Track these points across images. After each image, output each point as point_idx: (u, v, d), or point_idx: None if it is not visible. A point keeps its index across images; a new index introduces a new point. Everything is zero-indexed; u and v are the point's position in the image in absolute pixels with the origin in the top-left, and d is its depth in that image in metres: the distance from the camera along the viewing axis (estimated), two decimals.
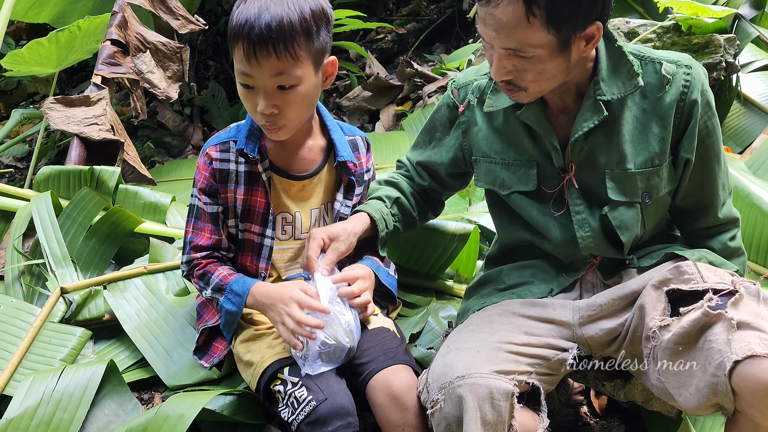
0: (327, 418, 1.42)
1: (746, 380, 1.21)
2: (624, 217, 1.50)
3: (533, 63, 1.35)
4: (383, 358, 1.53)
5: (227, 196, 1.63)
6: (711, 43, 2.63)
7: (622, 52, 1.44)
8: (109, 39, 2.94)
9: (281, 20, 1.43)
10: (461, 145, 1.64)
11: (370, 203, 1.67)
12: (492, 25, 1.32)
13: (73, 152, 2.65)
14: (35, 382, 1.63)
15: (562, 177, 1.51)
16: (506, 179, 1.57)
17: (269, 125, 1.52)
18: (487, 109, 1.55)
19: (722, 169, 1.54)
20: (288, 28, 1.43)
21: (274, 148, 1.64)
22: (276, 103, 1.49)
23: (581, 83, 1.46)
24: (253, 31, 1.42)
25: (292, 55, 1.45)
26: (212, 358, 1.72)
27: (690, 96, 1.44)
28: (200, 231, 1.64)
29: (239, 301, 1.57)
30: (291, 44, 1.44)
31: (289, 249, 1.69)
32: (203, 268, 1.63)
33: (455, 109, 1.63)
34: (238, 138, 1.62)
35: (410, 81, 3.84)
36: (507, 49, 1.34)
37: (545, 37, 1.31)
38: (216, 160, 1.61)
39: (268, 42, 1.42)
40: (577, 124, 1.45)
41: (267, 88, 1.47)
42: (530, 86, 1.39)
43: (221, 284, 1.59)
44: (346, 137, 1.71)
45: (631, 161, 1.47)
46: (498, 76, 1.40)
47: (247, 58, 1.44)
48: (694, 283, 1.40)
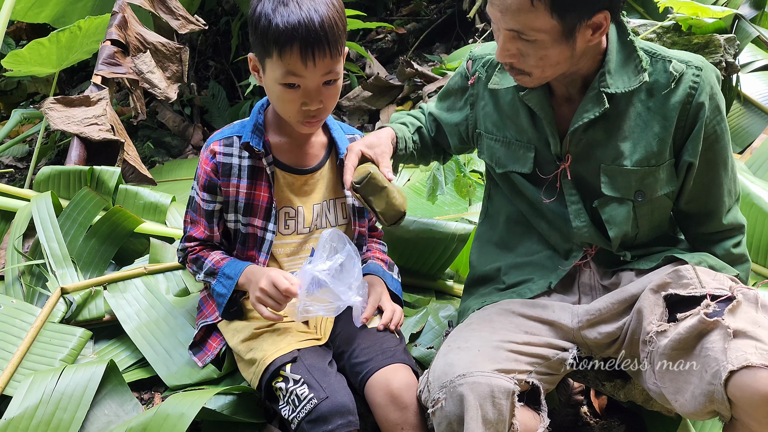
0: (328, 416, 1.42)
1: (742, 390, 1.21)
2: (614, 212, 1.49)
3: (536, 47, 1.34)
4: (382, 357, 1.53)
5: (228, 191, 1.65)
6: (711, 43, 2.62)
7: (633, 47, 1.44)
8: (109, 39, 2.94)
9: (331, 20, 1.48)
10: (467, 116, 1.66)
11: (394, 125, 1.69)
12: (498, 6, 1.33)
13: (73, 152, 2.65)
14: (35, 382, 1.63)
15: (558, 165, 1.51)
16: (502, 157, 1.58)
17: (314, 120, 1.58)
18: (491, 86, 1.56)
19: (729, 175, 1.52)
20: (336, 27, 1.49)
21: (278, 144, 1.66)
22: (321, 99, 1.54)
23: (589, 74, 1.45)
24: (310, 33, 1.45)
25: (340, 51, 1.52)
26: (206, 356, 1.74)
27: (697, 98, 1.42)
28: (196, 223, 1.70)
29: (230, 283, 1.62)
30: (340, 42, 1.51)
31: (292, 243, 1.70)
32: (196, 254, 1.70)
33: (466, 79, 1.65)
34: (243, 133, 1.64)
35: (410, 81, 3.84)
36: (511, 31, 1.34)
37: (549, 22, 1.31)
38: (219, 154, 1.64)
39: (325, 43, 1.47)
40: (578, 114, 1.44)
41: (316, 85, 1.52)
42: (534, 71, 1.39)
43: (214, 268, 1.66)
44: (345, 135, 1.75)
45: (628, 158, 1.46)
46: (501, 57, 1.40)
47: (303, 60, 1.47)
48: (692, 288, 1.39)
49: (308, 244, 1.72)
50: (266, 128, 1.66)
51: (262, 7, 1.49)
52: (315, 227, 1.71)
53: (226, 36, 4.71)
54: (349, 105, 3.97)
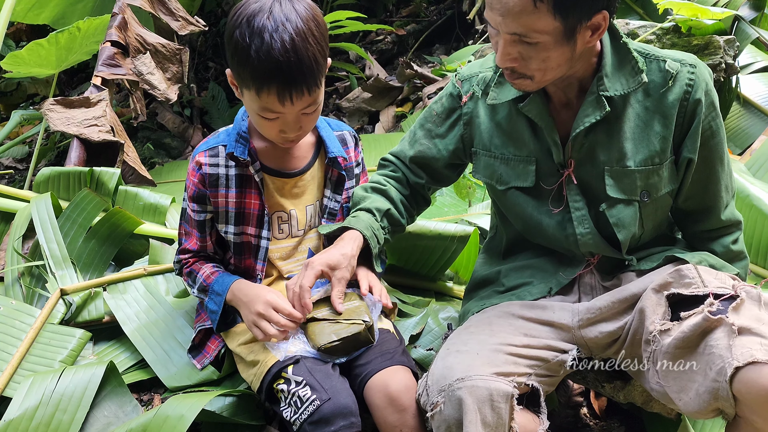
0: (330, 417, 1.42)
1: (748, 386, 1.20)
2: (621, 215, 1.49)
3: (538, 50, 1.34)
4: (381, 359, 1.53)
5: (217, 201, 1.63)
6: (711, 45, 2.63)
7: (627, 49, 1.44)
8: (109, 40, 2.94)
9: (311, 57, 1.42)
10: (461, 136, 1.63)
11: (360, 217, 1.61)
12: (498, 9, 1.32)
13: (73, 153, 2.65)
14: (35, 383, 1.63)
15: (561, 173, 1.51)
16: (504, 174, 1.57)
17: (292, 143, 1.58)
18: (490, 102, 1.54)
19: (726, 171, 1.53)
20: (316, 63, 1.44)
21: (264, 149, 1.64)
22: (300, 125, 1.52)
23: (585, 78, 1.45)
24: (288, 75, 1.41)
25: (320, 84, 1.48)
26: (204, 358, 1.74)
27: (694, 95, 1.44)
28: (189, 235, 1.69)
29: (220, 300, 1.61)
30: (320, 75, 1.47)
31: (287, 246, 1.70)
32: (190, 266, 1.69)
33: (458, 99, 1.62)
34: (227, 142, 1.62)
35: (410, 82, 3.84)
36: (512, 35, 1.34)
37: (551, 24, 1.31)
38: (205, 165, 1.61)
39: (303, 83, 1.43)
40: (579, 119, 1.44)
41: (295, 117, 1.50)
42: (535, 74, 1.38)
43: (204, 285, 1.65)
44: (334, 132, 1.72)
45: (631, 159, 1.46)
46: (503, 62, 1.39)
47: (281, 100, 1.44)
48: (695, 287, 1.39)
49: (303, 245, 1.71)
50: (251, 134, 1.63)
51: (237, 33, 1.42)
52: (309, 228, 1.71)
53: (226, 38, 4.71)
54: (348, 106, 3.97)
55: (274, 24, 1.40)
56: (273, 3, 1.43)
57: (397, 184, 1.73)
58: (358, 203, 1.67)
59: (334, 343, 1.50)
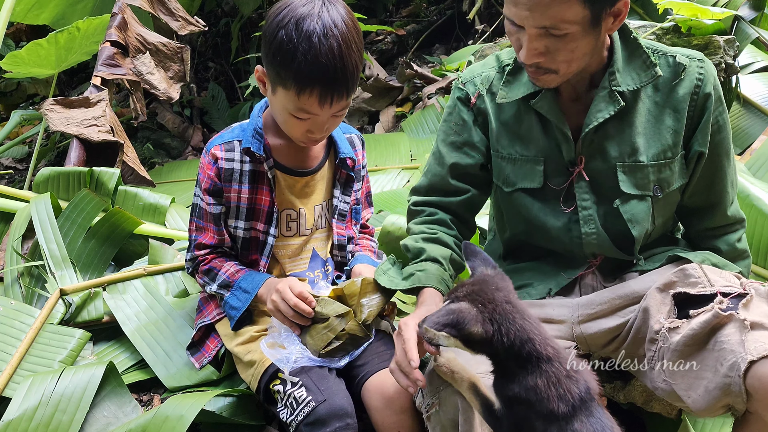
0: (326, 418, 1.42)
1: (762, 381, 1.19)
2: (635, 210, 1.48)
3: (566, 41, 1.32)
4: (378, 360, 1.53)
5: (230, 196, 1.64)
6: (710, 45, 2.62)
7: (637, 44, 1.44)
8: (109, 40, 2.94)
9: (354, 62, 1.47)
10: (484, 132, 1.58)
11: (429, 270, 1.47)
12: (525, 4, 1.29)
13: (73, 154, 2.65)
14: (34, 383, 1.63)
15: (570, 172, 1.50)
16: (510, 175, 1.55)
17: (314, 143, 1.61)
18: (500, 101, 1.52)
19: (731, 166, 1.53)
20: (357, 69, 1.49)
21: (278, 146, 1.66)
22: (328, 126, 1.55)
23: (596, 72, 1.45)
24: (333, 80, 1.44)
25: (355, 90, 1.52)
26: (203, 357, 1.74)
27: (704, 89, 1.44)
28: (203, 230, 1.67)
29: (246, 297, 1.60)
30: (357, 83, 1.50)
31: (294, 245, 1.70)
32: (208, 264, 1.67)
33: (467, 101, 1.58)
34: (243, 138, 1.63)
35: (410, 82, 3.84)
36: (540, 28, 1.31)
37: (580, 12, 1.29)
38: (221, 159, 1.62)
39: (344, 88, 1.47)
40: (591, 114, 1.43)
41: (327, 119, 1.52)
42: (561, 67, 1.36)
43: (228, 281, 1.63)
44: (344, 135, 1.75)
45: (644, 153, 1.46)
46: (529, 58, 1.36)
47: (321, 103, 1.47)
48: (701, 286, 1.38)
49: (309, 244, 1.72)
50: (265, 131, 1.65)
51: (283, 33, 1.44)
52: (316, 227, 1.71)
53: (226, 37, 4.72)
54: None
55: (322, 28, 1.43)
56: (321, 8, 1.46)
57: (442, 227, 1.58)
58: (419, 254, 1.52)
59: (332, 345, 1.50)
